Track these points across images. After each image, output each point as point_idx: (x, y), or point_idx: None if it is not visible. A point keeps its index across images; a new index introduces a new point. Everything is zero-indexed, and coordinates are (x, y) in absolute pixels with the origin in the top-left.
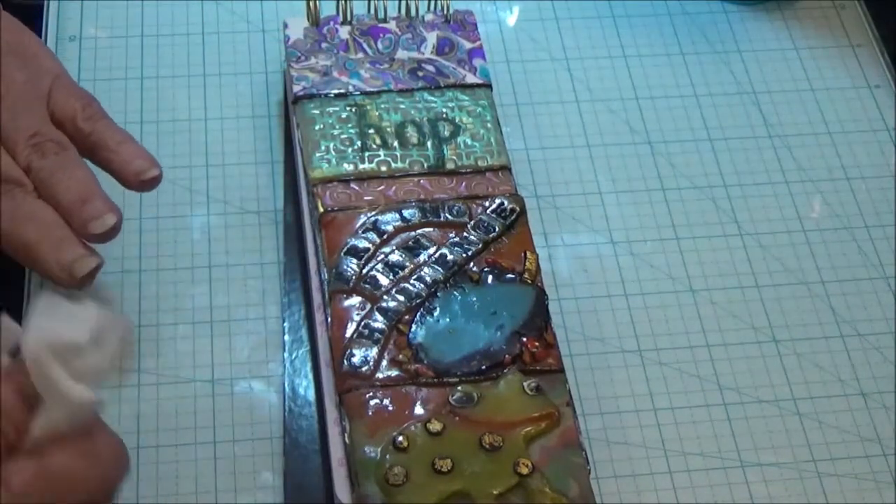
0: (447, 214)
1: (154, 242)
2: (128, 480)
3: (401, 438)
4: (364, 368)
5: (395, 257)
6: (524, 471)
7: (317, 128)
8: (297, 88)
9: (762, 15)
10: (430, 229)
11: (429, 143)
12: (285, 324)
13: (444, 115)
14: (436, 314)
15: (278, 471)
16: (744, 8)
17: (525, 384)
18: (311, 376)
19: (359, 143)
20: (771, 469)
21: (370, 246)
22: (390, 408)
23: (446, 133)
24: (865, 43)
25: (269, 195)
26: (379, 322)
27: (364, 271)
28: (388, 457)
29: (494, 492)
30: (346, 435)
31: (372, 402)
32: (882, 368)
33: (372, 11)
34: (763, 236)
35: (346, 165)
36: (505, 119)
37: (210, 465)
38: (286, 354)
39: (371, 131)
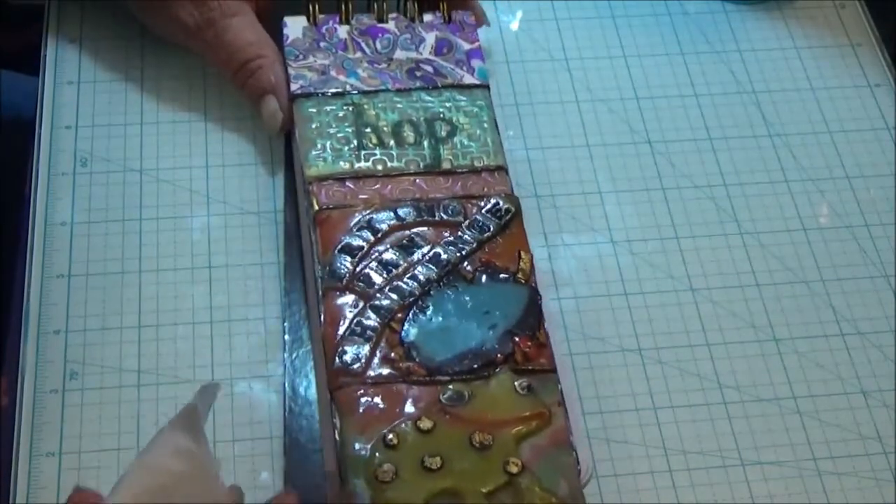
0: (442, 214)
1: (154, 242)
2: None
3: (391, 436)
4: (356, 366)
5: (389, 255)
6: (514, 469)
7: (313, 126)
8: (294, 87)
9: (762, 15)
10: (425, 228)
11: (425, 143)
12: (285, 324)
13: (441, 116)
14: (428, 313)
15: (278, 471)
16: (744, 8)
17: (516, 383)
18: (311, 376)
19: (355, 141)
20: (771, 467)
21: (364, 244)
22: (381, 405)
23: (443, 133)
24: (865, 42)
25: (269, 195)
26: (371, 320)
27: (358, 269)
28: (377, 454)
29: (483, 490)
30: (336, 432)
31: (363, 400)
32: (882, 366)
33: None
34: (763, 235)
35: (342, 163)
36: (505, 119)
37: None
38: (286, 354)
39: (368, 130)
